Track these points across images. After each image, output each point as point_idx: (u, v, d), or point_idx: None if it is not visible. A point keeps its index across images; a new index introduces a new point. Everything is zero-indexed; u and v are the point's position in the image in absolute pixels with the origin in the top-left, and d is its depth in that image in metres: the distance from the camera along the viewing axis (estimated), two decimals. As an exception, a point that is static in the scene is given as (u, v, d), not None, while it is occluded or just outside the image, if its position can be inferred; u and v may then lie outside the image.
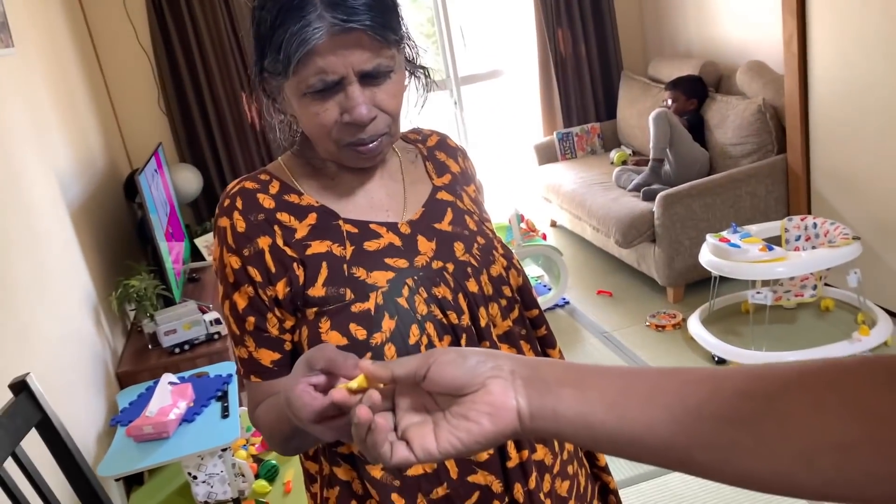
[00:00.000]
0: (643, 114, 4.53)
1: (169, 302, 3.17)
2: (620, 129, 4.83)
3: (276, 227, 0.97)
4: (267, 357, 0.98)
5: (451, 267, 1.00)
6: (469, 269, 1.01)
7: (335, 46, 0.86)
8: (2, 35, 2.50)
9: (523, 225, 3.88)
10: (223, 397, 2.50)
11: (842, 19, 3.10)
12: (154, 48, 4.24)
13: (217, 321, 3.00)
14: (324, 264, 0.96)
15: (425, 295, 0.97)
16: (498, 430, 0.59)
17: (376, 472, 0.96)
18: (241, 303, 0.97)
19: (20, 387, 1.24)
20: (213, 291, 3.61)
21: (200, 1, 4.19)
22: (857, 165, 3.20)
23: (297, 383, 0.76)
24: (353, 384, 0.69)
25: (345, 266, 0.96)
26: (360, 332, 0.93)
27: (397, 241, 1.00)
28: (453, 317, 0.97)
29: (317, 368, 0.75)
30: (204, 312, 3.03)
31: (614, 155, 4.55)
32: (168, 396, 2.42)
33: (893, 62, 2.90)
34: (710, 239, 3.06)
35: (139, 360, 2.94)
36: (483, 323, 1.00)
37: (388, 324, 0.94)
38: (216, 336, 2.98)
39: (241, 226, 0.96)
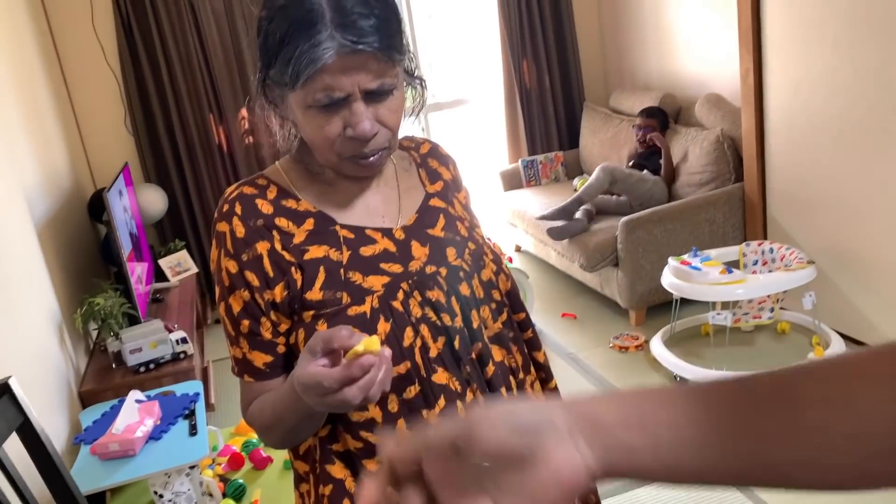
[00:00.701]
0: (605, 143, 4.65)
1: (133, 321, 3.14)
2: (583, 157, 4.95)
3: (274, 232, 0.99)
4: (260, 359, 1.01)
5: (443, 271, 1.04)
6: (461, 273, 1.05)
7: (344, 66, 0.89)
8: (-27, 48, 2.48)
9: (490, 249, 3.94)
10: (190, 415, 2.48)
11: (796, 55, 3.25)
12: (122, 68, 4.23)
13: (183, 340, 2.97)
14: (321, 269, 0.98)
15: (419, 298, 1.00)
16: (568, 498, 0.49)
17: (372, 466, 0.99)
18: (236, 306, 0.99)
19: (2, 389, 1.23)
20: (177, 311, 3.58)
21: (170, 22, 4.20)
22: (811, 193, 3.33)
23: (304, 370, 0.79)
24: (360, 347, 0.75)
25: (342, 270, 0.99)
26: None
27: (392, 247, 1.03)
28: (447, 319, 1.01)
29: (318, 351, 0.80)
30: (170, 331, 3.00)
31: (577, 182, 4.66)
32: (135, 414, 2.39)
33: (843, 97, 3.05)
34: (672, 262, 3.15)
35: (103, 379, 2.90)
36: (475, 325, 1.04)
37: (383, 326, 0.97)
38: (182, 355, 2.96)
39: (240, 231, 0.98)
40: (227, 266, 0.99)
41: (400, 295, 0.99)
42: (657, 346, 3.27)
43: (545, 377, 1.18)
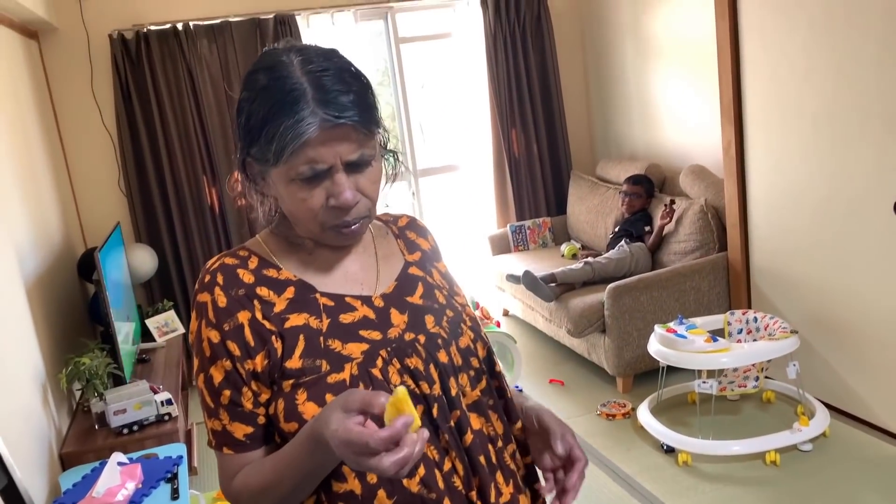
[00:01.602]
0: (591, 210, 4.74)
1: (118, 382, 3.11)
2: (570, 223, 5.03)
3: (255, 302, 1.00)
4: (240, 431, 1.00)
5: (422, 338, 1.05)
6: (439, 341, 1.06)
7: (326, 139, 0.93)
8: (-25, 110, 2.54)
9: (478, 312, 3.97)
10: (173, 479, 2.45)
11: (776, 128, 3.36)
12: (118, 129, 4.30)
13: (168, 402, 2.95)
14: (301, 337, 1.00)
15: (398, 366, 1.01)
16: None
17: None
18: (218, 376, 0.99)
19: (-12, 450, 1.22)
20: (163, 372, 3.55)
21: (167, 86, 4.30)
22: (794, 263, 3.40)
23: (345, 425, 0.82)
24: (393, 403, 0.82)
25: (321, 338, 1.00)
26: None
27: (371, 314, 1.05)
28: (425, 387, 1.01)
29: (353, 410, 0.83)
30: (155, 392, 2.98)
31: (565, 248, 4.72)
32: (117, 476, 2.36)
33: (822, 168, 3.15)
34: (658, 329, 3.18)
35: (85, 441, 2.86)
36: (454, 392, 1.05)
37: None
38: (166, 417, 2.93)
39: (221, 301, 1.00)
40: (209, 336, 0.99)
41: (379, 362, 1.00)
42: (644, 415, 3.27)
43: (523, 449, 1.15)
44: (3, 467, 1.25)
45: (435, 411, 1.02)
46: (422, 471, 0.99)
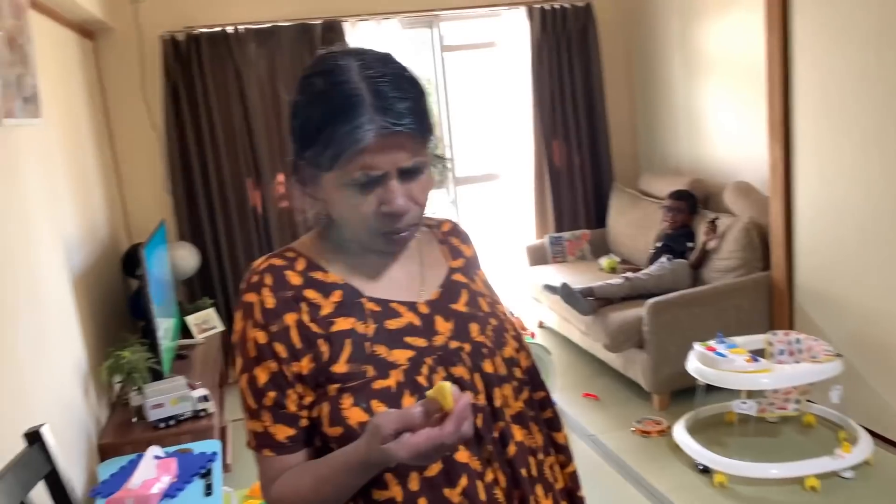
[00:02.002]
0: (632, 224, 4.69)
1: (157, 376, 3.16)
2: (610, 237, 4.98)
3: (302, 304, 1.00)
4: (282, 433, 0.99)
5: (467, 347, 1.04)
6: (484, 350, 1.05)
7: (382, 146, 0.93)
8: (32, 106, 2.61)
9: (513, 323, 3.94)
10: (207, 475, 2.47)
11: (825, 146, 3.29)
12: (166, 129, 4.38)
13: (205, 398, 2.99)
14: (347, 341, 0.99)
15: (443, 374, 1.01)
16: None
17: None
18: (262, 377, 0.98)
19: (34, 437, 1.26)
20: (200, 369, 3.60)
21: (216, 88, 4.37)
22: (839, 285, 3.32)
23: (408, 444, 0.85)
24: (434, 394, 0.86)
25: (367, 343, 0.99)
26: (381, 409, 0.95)
27: (416, 321, 1.04)
28: (470, 396, 1.00)
29: (386, 434, 0.85)
30: (193, 388, 3.02)
31: (604, 262, 4.68)
32: (153, 469, 2.39)
33: (871, 188, 3.07)
34: (698, 347, 3.13)
35: (122, 433, 2.91)
36: (498, 403, 1.04)
37: (408, 401, 0.97)
38: (203, 413, 2.96)
39: (269, 302, 0.99)
40: (256, 336, 0.98)
41: (424, 370, 1.00)
42: (680, 433, 3.21)
43: (564, 461, 1.15)
44: (47, 455, 1.28)
45: (479, 422, 1.01)
46: (464, 481, 0.98)
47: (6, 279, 2.21)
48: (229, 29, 4.33)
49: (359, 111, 0.91)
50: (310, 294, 1.01)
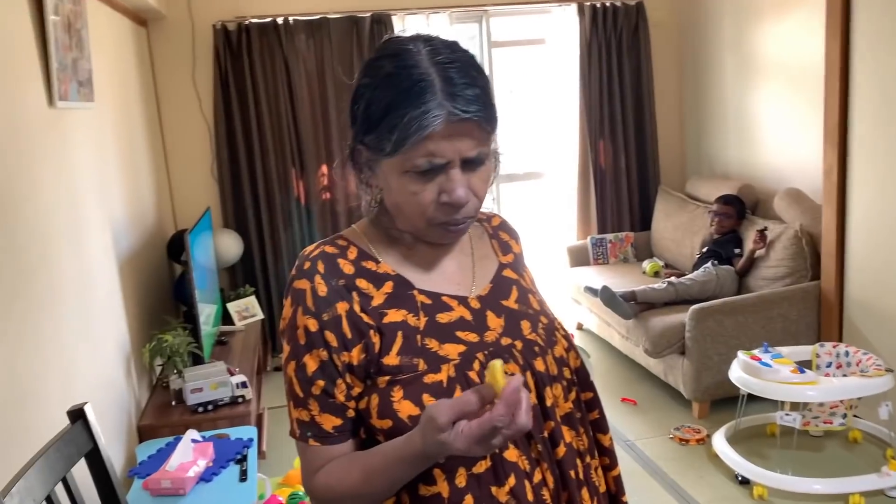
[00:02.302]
0: (678, 228, 4.60)
1: (197, 361, 3.20)
2: (654, 240, 4.90)
3: (354, 294, 0.98)
4: (329, 422, 0.97)
5: (519, 344, 1.02)
6: (536, 348, 1.03)
7: (449, 134, 0.90)
8: (86, 90, 2.66)
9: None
10: (242, 461, 2.50)
11: (883, 154, 3.18)
12: (215, 118, 4.44)
13: (243, 384, 3.01)
14: (399, 333, 0.97)
15: None
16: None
17: None
18: (312, 365, 0.96)
19: (77, 415, 1.27)
20: (240, 355, 3.64)
21: (264, 79, 4.41)
22: (892, 297, 3.21)
23: (463, 432, 0.83)
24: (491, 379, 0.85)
25: (418, 336, 0.98)
26: (432, 403, 0.93)
27: (468, 315, 1.02)
28: (520, 378, 0.98)
29: (449, 422, 0.83)
30: (232, 374, 3.05)
31: (647, 265, 4.61)
32: (190, 453, 2.42)
33: (932, 201, 2.96)
34: (742, 356, 3.06)
35: (161, 415, 2.95)
36: (549, 402, 1.01)
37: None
38: (240, 399, 2.99)
39: (322, 289, 0.97)
40: (307, 324, 0.96)
41: (476, 365, 0.98)
42: (720, 442, 3.14)
43: (610, 463, 1.13)
44: (89, 433, 1.29)
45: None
46: (512, 480, 0.96)
47: (54, 260, 2.25)
48: (280, 20, 4.37)
49: (428, 96, 0.89)
50: (361, 284, 0.99)
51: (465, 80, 0.91)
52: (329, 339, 0.96)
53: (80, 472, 1.34)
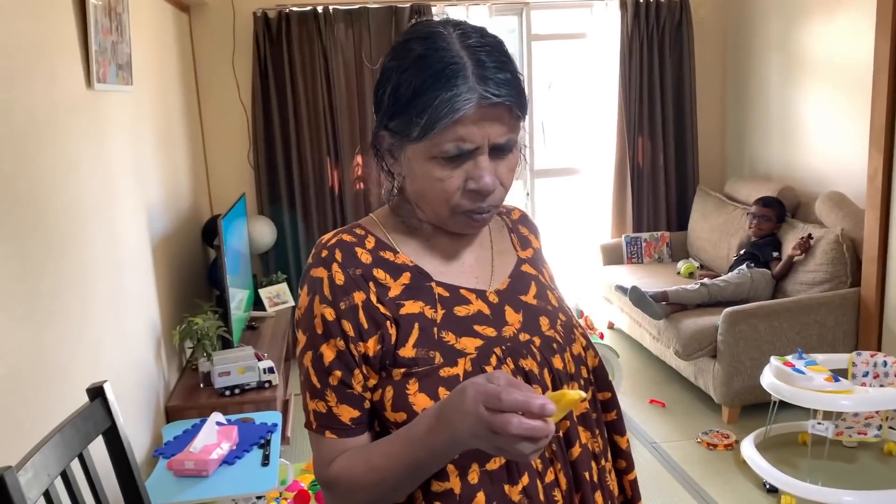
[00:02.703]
0: (715, 229, 4.52)
1: (226, 345, 3.24)
2: (690, 240, 4.82)
3: (371, 284, 0.96)
4: (347, 414, 0.95)
5: (537, 340, 1.00)
6: (554, 345, 1.01)
7: (479, 118, 0.88)
8: (125, 73, 2.69)
9: (582, 321, 3.87)
10: (265, 445, 2.51)
11: (930, 161, 3.08)
12: (253, 105, 4.48)
13: (271, 370, 3.04)
14: (416, 325, 0.95)
15: (512, 366, 0.96)
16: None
17: None
18: (329, 355, 0.94)
19: (96, 393, 1.29)
20: (269, 341, 3.67)
21: (302, 68, 4.43)
22: (935, 309, 3.11)
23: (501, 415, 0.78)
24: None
25: (435, 329, 0.96)
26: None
27: (486, 309, 1.00)
28: (538, 391, 0.94)
29: (498, 410, 0.78)
30: (259, 359, 3.08)
31: (682, 266, 4.53)
32: (214, 435, 2.45)
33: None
34: (775, 361, 2.99)
35: (189, 397, 2.99)
36: None
37: None
38: (267, 385, 3.02)
39: (339, 278, 0.95)
40: (323, 312, 0.94)
41: (493, 360, 0.95)
42: (748, 449, 3.08)
43: (626, 466, 1.10)
44: (108, 411, 1.31)
45: None
46: (525, 479, 0.94)
47: (87, 239, 2.28)
48: (319, 8, 4.38)
49: (459, 79, 0.87)
50: (378, 274, 0.97)
51: (496, 63, 0.89)
52: (346, 328, 0.94)
53: (99, 451, 1.36)
